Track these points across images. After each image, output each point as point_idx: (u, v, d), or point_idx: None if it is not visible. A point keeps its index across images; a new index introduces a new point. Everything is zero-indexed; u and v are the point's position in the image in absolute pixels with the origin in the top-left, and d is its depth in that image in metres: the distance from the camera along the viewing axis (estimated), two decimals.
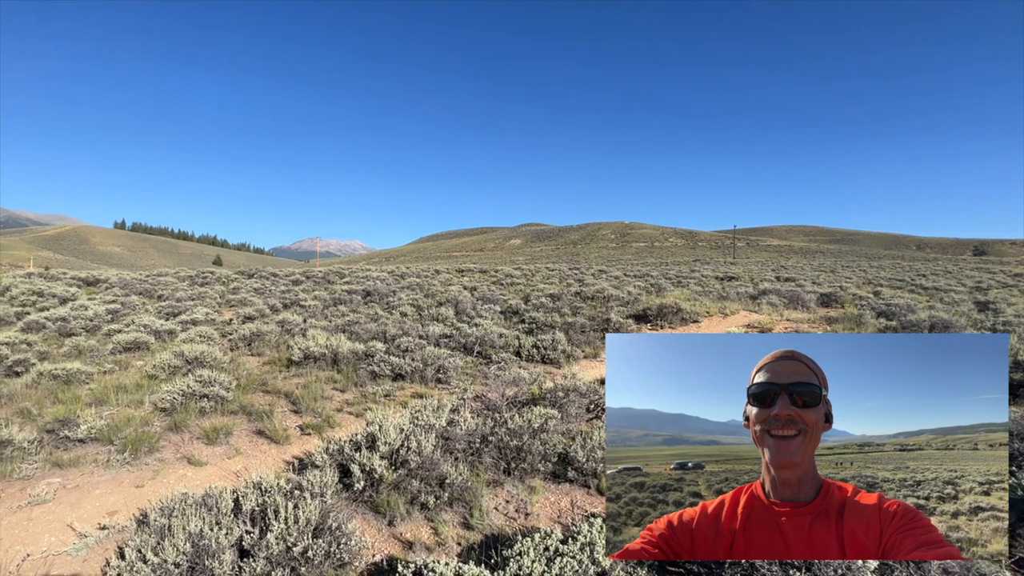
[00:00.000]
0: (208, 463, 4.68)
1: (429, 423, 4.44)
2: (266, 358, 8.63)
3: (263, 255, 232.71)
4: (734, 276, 28.12)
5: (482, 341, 9.49)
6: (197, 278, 23.71)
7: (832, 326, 12.04)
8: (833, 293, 17.26)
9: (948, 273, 35.99)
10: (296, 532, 3.01)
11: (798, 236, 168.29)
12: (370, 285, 19.35)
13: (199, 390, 5.89)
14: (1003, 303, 15.42)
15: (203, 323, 11.72)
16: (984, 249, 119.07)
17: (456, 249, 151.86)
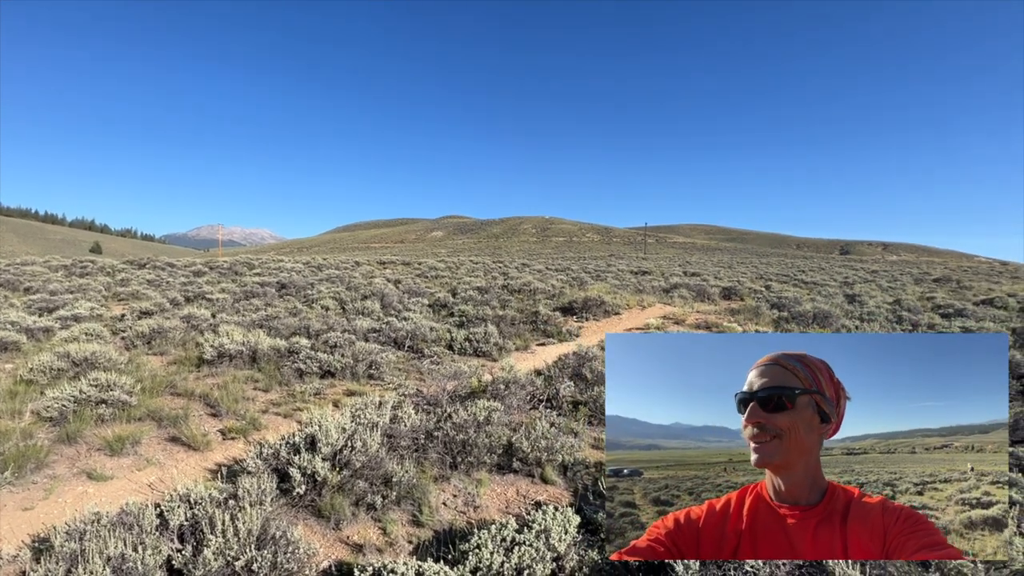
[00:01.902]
0: (114, 477, 4.17)
1: (372, 421, 4.30)
2: (172, 357, 7.80)
3: (153, 243, 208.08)
4: (648, 271, 29.97)
5: (413, 335, 9.30)
6: (74, 268, 20.78)
7: (735, 317, 13.27)
8: (733, 287, 19.01)
9: (822, 270, 41.16)
10: (237, 545, 2.79)
11: (700, 234, 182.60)
12: (285, 277, 18.12)
13: (95, 395, 5.19)
14: (866, 296, 17.95)
15: (88, 319, 10.30)
16: (848, 249, 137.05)
17: (375, 240, 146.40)
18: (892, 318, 13.32)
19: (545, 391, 6.25)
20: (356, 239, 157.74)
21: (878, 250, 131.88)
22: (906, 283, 27.07)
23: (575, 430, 5.40)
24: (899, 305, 15.47)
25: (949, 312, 14.56)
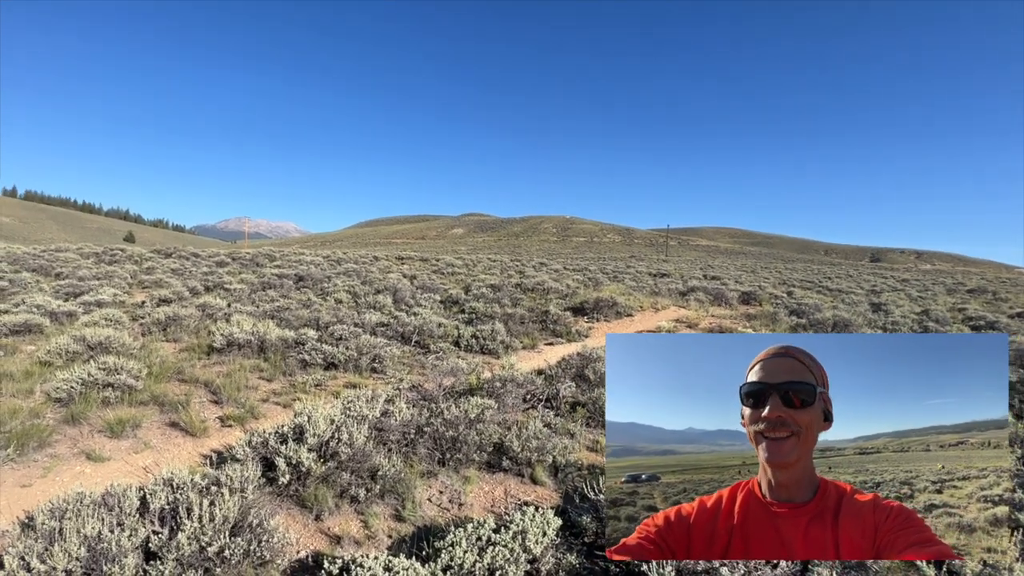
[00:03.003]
0: (111, 458, 4.27)
1: (362, 414, 4.30)
2: (184, 344, 7.99)
3: (183, 233, 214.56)
4: (666, 273, 29.53)
5: (420, 330, 9.33)
6: (104, 255, 21.53)
7: (751, 322, 12.95)
8: (753, 292, 18.57)
9: (849, 277, 39.89)
10: (212, 531, 2.82)
11: (724, 238, 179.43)
12: (303, 269, 18.44)
13: (103, 378, 5.34)
14: (892, 305, 17.30)
15: (110, 305, 10.65)
16: (879, 256, 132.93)
17: (396, 236, 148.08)
18: (918, 329, 12.81)
19: (545, 391, 6.18)
20: (378, 234, 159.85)
21: (911, 258, 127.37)
22: (937, 293, 26.02)
23: (572, 431, 5.32)
24: (927, 315, 14.87)
25: (980, 324, 13.93)
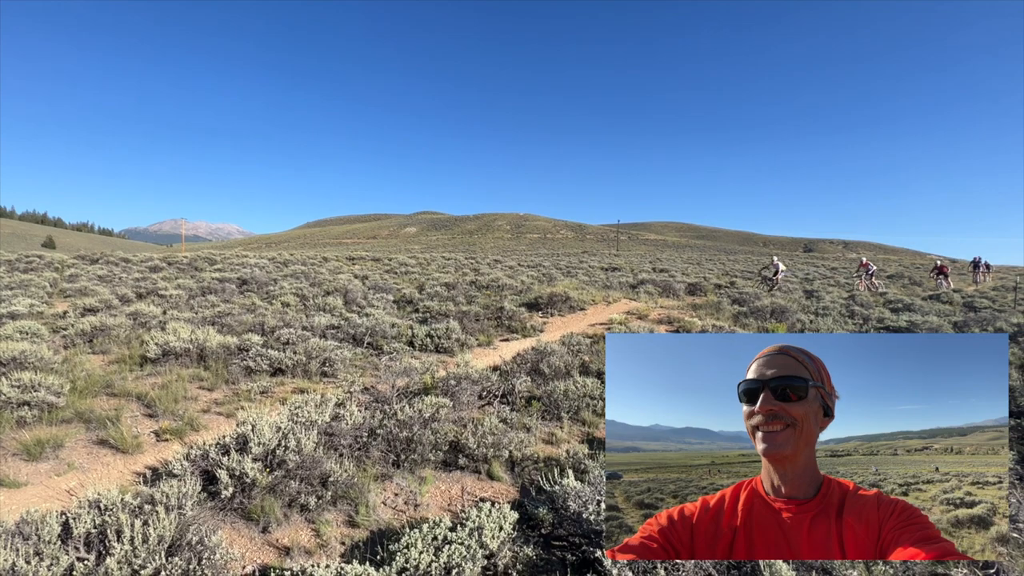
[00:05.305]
0: (29, 483, 3.92)
1: (311, 419, 4.16)
2: (113, 356, 7.43)
3: (112, 237, 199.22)
4: (617, 267, 30.29)
5: (373, 331, 9.11)
6: (18, 263, 19.67)
7: (696, 312, 13.51)
8: (698, 283, 19.38)
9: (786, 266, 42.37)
10: (145, 553, 2.64)
11: (672, 232, 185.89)
12: (247, 273, 17.56)
13: (16, 396, 4.88)
14: (823, 291, 18.55)
15: (25, 316, 9.74)
16: (812, 247, 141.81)
17: (347, 236, 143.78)
18: (845, 313, 13.79)
19: (500, 387, 6.20)
20: (327, 235, 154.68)
21: (839, 248, 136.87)
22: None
23: (528, 426, 5.37)
24: (852, 300, 16.03)
25: (898, 307, 15.16)
